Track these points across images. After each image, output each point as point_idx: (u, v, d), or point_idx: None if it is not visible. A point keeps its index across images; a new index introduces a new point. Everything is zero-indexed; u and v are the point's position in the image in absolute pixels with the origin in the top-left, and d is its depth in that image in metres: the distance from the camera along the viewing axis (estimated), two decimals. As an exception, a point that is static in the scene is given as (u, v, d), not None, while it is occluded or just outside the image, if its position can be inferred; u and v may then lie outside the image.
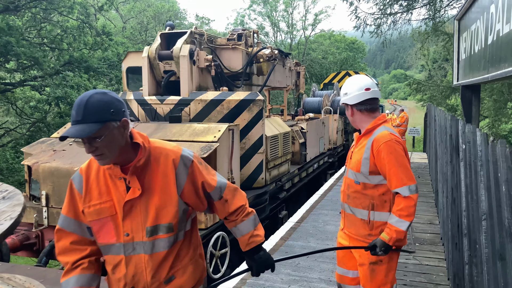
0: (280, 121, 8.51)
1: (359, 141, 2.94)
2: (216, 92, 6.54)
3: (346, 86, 2.99)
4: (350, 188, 2.93)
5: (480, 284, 2.50)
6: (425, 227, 6.40)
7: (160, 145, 2.00)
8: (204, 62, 6.76)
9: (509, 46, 3.23)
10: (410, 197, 2.67)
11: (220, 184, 2.07)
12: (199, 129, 5.56)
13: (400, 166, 2.69)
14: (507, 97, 11.89)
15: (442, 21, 13.80)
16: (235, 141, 5.78)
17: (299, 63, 12.03)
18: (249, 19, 42.40)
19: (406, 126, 19.66)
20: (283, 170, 7.96)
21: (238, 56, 7.52)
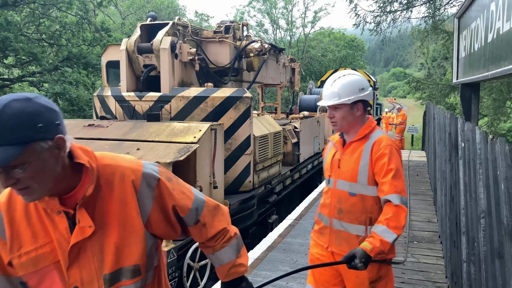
0: (270, 119, 8.08)
1: (349, 146, 2.62)
2: (199, 89, 6.10)
3: (357, 82, 2.59)
4: (342, 202, 2.59)
5: (478, 282, 2.50)
6: (424, 225, 6.41)
7: (113, 162, 1.47)
8: (187, 56, 6.29)
9: (509, 44, 3.22)
10: (401, 206, 2.40)
11: (197, 204, 1.61)
12: (178, 129, 5.13)
13: (397, 173, 2.45)
14: (506, 96, 11.90)
15: (442, 19, 13.79)
16: (219, 142, 5.35)
17: (294, 59, 11.63)
18: (249, 16, 42.34)
19: (405, 124, 19.69)
20: (274, 172, 7.56)
21: (225, 50, 7.03)
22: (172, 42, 6.06)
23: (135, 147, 4.72)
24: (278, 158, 7.78)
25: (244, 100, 6.02)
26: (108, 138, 5.13)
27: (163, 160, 4.34)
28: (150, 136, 5.07)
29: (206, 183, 5.06)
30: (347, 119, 2.58)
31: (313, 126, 10.54)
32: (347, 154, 2.62)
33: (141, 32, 6.44)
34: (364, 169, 2.52)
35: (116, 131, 5.29)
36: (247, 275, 4.54)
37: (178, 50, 6.18)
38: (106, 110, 6.52)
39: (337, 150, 2.70)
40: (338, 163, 2.65)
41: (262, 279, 4.53)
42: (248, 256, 1.83)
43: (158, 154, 4.52)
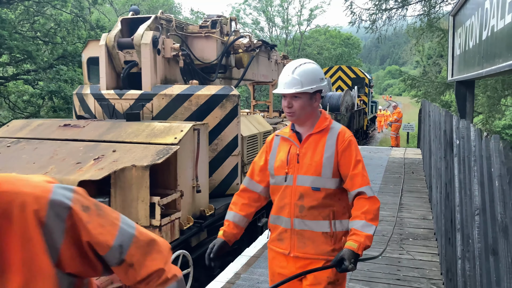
0: (260, 118, 7.77)
1: (308, 139, 2.49)
2: (183, 86, 5.78)
3: (317, 71, 2.50)
4: (305, 198, 2.43)
5: (472, 279, 2.51)
6: (419, 222, 6.43)
7: (11, 188, 1.17)
8: (171, 52, 5.98)
9: (503, 41, 3.24)
10: (375, 198, 2.40)
11: (121, 240, 1.29)
12: (158, 129, 4.83)
13: (363, 165, 2.44)
14: (501, 93, 11.95)
15: (437, 17, 13.82)
16: (202, 143, 5.07)
17: (287, 56, 11.44)
18: (244, 13, 42.30)
19: (401, 122, 19.73)
20: None
21: (212, 46, 6.67)
22: (154, 36, 5.76)
23: (111, 149, 4.51)
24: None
25: (231, 98, 5.74)
26: (84, 139, 4.90)
27: (140, 163, 4.11)
28: (128, 137, 4.80)
29: (188, 187, 4.83)
30: (306, 109, 2.46)
31: None
32: (308, 148, 2.48)
33: (122, 27, 6.13)
34: (328, 161, 2.42)
35: (93, 131, 5.04)
36: (243, 274, 4.56)
37: (160, 46, 5.90)
38: (85, 109, 6.26)
39: (291, 144, 2.53)
40: (296, 157, 2.48)
41: (258, 277, 4.54)
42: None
43: (135, 156, 4.30)
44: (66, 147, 4.71)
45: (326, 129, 2.50)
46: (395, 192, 8.31)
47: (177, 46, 5.99)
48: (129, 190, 4.09)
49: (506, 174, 1.63)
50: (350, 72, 22.98)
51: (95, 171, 4.10)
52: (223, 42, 6.86)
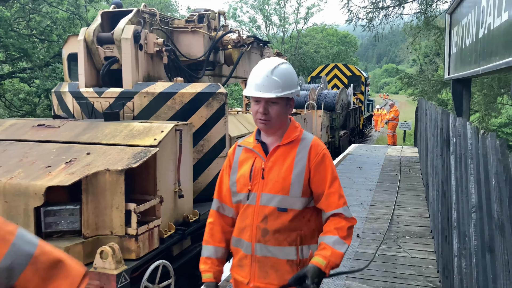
0: (251, 118, 7.27)
1: (276, 152, 2.16)
2: (166, 84, 5.46)
3: (295, 73, 2.22)
4: (269, 221, 2.10)
5: (469, 276, 2.51)
6: (415, 220, 6.45)
7: None
8: (154, 47, 5.68)
9: (500, 39, 3.24)
10: (353, 219, 2.14)
11: (12, 259, 1.04)
12: (137, 129, 4.50)
13: (339, 183, 2.17)
14: (497, 91, 11.98)
15: (434, 15, 13.84)
16: (185, 144, 4.73)
17: (280, 53, 11.13)
18: (241, 12, 42.24)
19: (398, 120, 19.76)
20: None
21: (199, 41, 6.34)
22: (135, 31, 5.43)
23: (86, 151, 4.21)
24: None
25: (218, 96, 5.43)
26: (58, 140, 4.55)
27: (114, 167, 3.82)
28: (105, 138, 4.47)
29: (170, 192, 4.50)
30: (281, 117, 2.14)
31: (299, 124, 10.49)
32: (275, 162, 2.14)
33: (103, 21, 5.78)
34: (298, 178, 2.10)
35: (68, 132, 4.72)
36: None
37: (143, 41, 5.56)
38: (63, 108, 5.93)
39: (256, 157, 2.19)
40: (261, 172, 2.15)
41: (255, 275, 4.53)
42: None
43: (110, 159, 4.00)
44: (38, 149, 4.38)
45: (296, 140, 2.18)
46: (391, 190, 8.33)
47: (160, 41, 5.68)
48: (103, 196, 3.80)
49: (503, 171, 1.63)
50: (346, 70, 22.75)
51: (65, 176, 3.75)
52: (211, 37, 6.51)
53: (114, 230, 3.80)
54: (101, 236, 3.80)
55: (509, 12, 2.98)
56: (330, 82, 22.04)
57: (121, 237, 3.79)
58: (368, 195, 7.99)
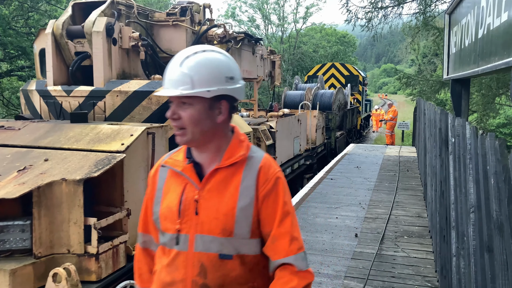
0: (238, 119, 6.83)
1: (213, 177, 1.60)
2: (142, 82, 4.95)
3: (223, 64, 1.59)
4: (209, 273, 1.55)
5: (467, 276, 2.52)
6: (414, 220, 6.45)
7: None
8: (129, 42, 5.21)
9: (499, 39, 3.24)
10: (307, 272, 1.58)
11: None
12: (105, 133, 4.03)
13: (294, 218, 1.62)
14: (496, 92, 12.00)
15: (433, 15, 13.86)
16: (160, 149, 4.25)
17: (274, 51, 10.77)
18: (240, 11, 42.21)
19: (396, 120, 19.79)
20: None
21: (181, 36, 5.89)
22: (108, 24, 4.94)
23: (44, 157, 3.74)
24: None
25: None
26: (15, 144, 4.08)
27: (72, 177, 3.39)
28: (68, 142, 3.99)
29: (140, 202, 3.90)
30: (200, 125, 1.56)
31: (292, 126, 9.63)
32: (212, 191, 1.59)
33: (74, 12, 5.27)
34: (245, 213, 1.57)
35: (28, 135, 4.24)
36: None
37: (117, 34, 5.09)
38: (30, 108, 5.47)
39: (186, 183, 1.62)
40: (194, 206, 1.58)
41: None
42: None
43: (69, 167, 3.54)
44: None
45: (241, 160, 1.62)
46: (390, 190, 8.34)
47: (136, 35, 5.22)
48: (58, 210, 3.35)
49: (502, 171, 1.63)
50: (344, 70, 22.28)
51: (14, 187, 3.27)
52: (194, 32, 6.03)
53: (71, 248, 3.35)
54: (57, 255, 3.36)
55: (509, 13, 2.98)
56: (327, 81, 21.72)
57: (79, 256, 3.35)
58: (366, 194, 8.00)
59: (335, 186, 8.66)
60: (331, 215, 6.68)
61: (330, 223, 6.26)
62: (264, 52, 9.76)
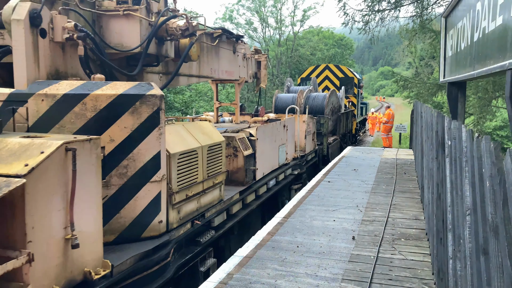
0: (207, 127, 5.98)
1: None
2: (74, 83, 4.06)
3: None
4: None
5: (463, 279, 2.52)
6: (411, 222, 6.46)
7: None
8: (62, 34, 4.26)
9: (494, 43, 3.26)
10: None
11: None
12: (10, 149, 3.14)
13: None
14: (492, 94, 12.05)
15: (429, 18, 13.93)
16: (85, 170, 3.37)
17: (260, 50, 10.00)
18: (238, 14, 42.29)
19: (393, 123, 19.83)
20: (210, 200, 5.64)
21: (133, 28, 4.98)
22: (33, 10, 4.03)
23: None
24: (218, 180, 5.84)
25: (148, 100, 4.16)
26: None
27: None
28: None
29: (55, 241, 3.12)
30: None
31: (277, 132, 8.61)
32: None
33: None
34: None
35: None
36: (236, 274, 4.54)
37: (47, 24, 4.18)
38: None
39: None
40: None
41: (250, 277, 4.53)
42: None
43: None
44: None
45: None
46: (387, 193, 8.35)
47: (71, 25, 4.27)
48: None
49: (497, 174, 1.64)
50: (338, 71, 21.54)
51: None
52: (151, 23, 5.18)
53: None
54: None
55: (504, 16, 3.00)
56: (321, 84, 21.07)
57: None
58: (363, 197, 8.01)
59: (333, 189, 8.67)
60: (328, 217, 6.68)
61: (328, 226, 6.27)
62: (247, 51, 9.03)
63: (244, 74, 8.93)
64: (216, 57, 7.35)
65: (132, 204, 4.23)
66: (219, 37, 7.17)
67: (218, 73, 7.55)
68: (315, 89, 16.54)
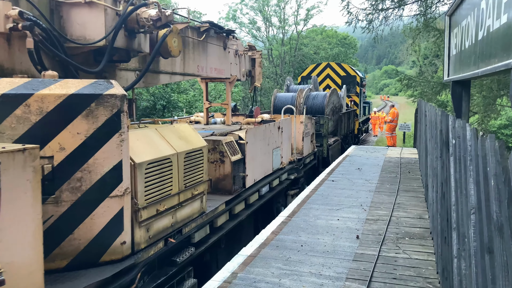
0: (186, 130, 5.28)
1: None
2: (15, 81, 3.48)
3: None
4: None
5: (468, 277, 2.52)
6: (415, 221, 6.45)
7: None
8: (5, 23, 3.70)
9: (499, 41, 3.25)
10: None
11: None
12: None
13: None
14: (496, 93, 12.01)
15: (433, 17, 13.88)
16: (15, 187, 2.79)
17: (254, 46, 9.34)
18: (241, 13, 42.28)
19: (397, 122, 19.79)
20: (187, 214, 4.93)
21: (98, 18, 4.37)
22: None
23: None
24: (199, 190, 5.16)
25: (107, 101, 3.62)
26: None
27: None
28: None
29: None
30: None
31: (270, 135, 7.98)
32: None
33: None
34: None
35: None
36: (240, 273, 4.55)
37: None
38: None
39: None
40: None
41: (255, 276, 4.54)
42: None
43: None
44: None
45: None
46: (391, 192, 8.34)
47: (15, 13, 3.69)
48: None
49: (502, 173, 1.64)
50: (340, 70, 20.90)
51: None
52: (118, 13, 4.57)
53: None
54: None
55: (508, 15, 2.99)
56: (322, 83, 20.50)
57: None
58: (367, 196, 8.00)
59: (336, 188, 8.67)
60: (332, 217, 6.68)
61: (332, 225, 6.26)
62: (240, 47, 8.45)
63: (236, 72, 8.40)
64: (203, 53, 6.83)
65: (88, 223, 3.62)
66: (207, 31, 6.68)
67: (206, 71, 7.02)
68: (316, 88, 16.17)
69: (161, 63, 5.75)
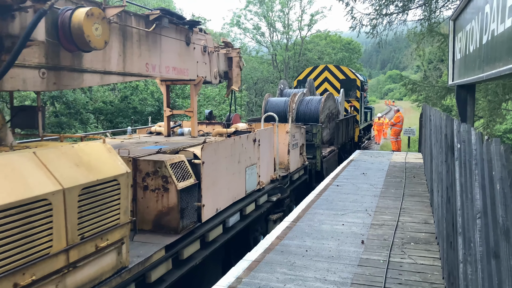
0: (94, 152, 3.70)
1: None
2: None
3: None
4: None
5: (474, 282, 2.51)
6: (420, 226, 6.42)
7: None
8: None
9: (503, 45, 3.25)
10: None
11: None
12: None
13: None
14: (502, 97, 11.96)
15: (438, 21, 13.87)
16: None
17: (230, 43, 7.93)
18: (245, 19, 42.47)
19: (401, 126, 19.74)
20: (90, 278, 3.46)
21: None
22: None
23: None
24: (110, 240, 3.65)
25: None
26: None
27: None
28: None
29: None
30: None
31: (241, 150, 6.46)
32: None
33: None
34: None
35: None
36: (245, 278, 4.54)
37: None
38: None
39: None
40: None
41: (259, 281, 4.53)
42: None
43: None
44: None
45: None
46: (396, 196, 8.30)
47: None
48: None
49: (507, 177, 1.63)
50: (339, 73, 19.35)
51: None
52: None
53: None
54: None
55: (513, 19, 2.99)
56: (319, 86, 18.92)
57: None
58: (372, 201, 7.97)
59: (341, 193, 8.64)
60: (337, 221, 6.66)
61: (337, 230, 6.24)
62: (209, 43, 7.05)
63: (205, 72, 6.97)
64: (155, 48, 5.53)
65: None
66: (158, 20, 5.36)
67: (160, 70, 5.66)
68: (312, 92, 15.02)
69: (85, 59, 4.32)
